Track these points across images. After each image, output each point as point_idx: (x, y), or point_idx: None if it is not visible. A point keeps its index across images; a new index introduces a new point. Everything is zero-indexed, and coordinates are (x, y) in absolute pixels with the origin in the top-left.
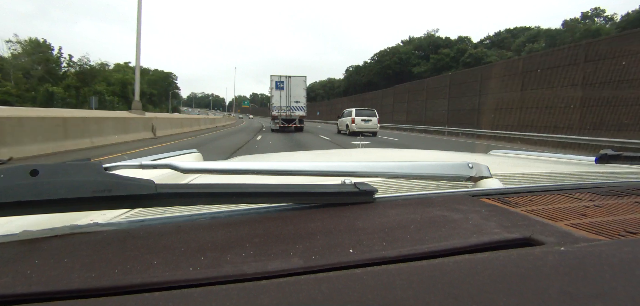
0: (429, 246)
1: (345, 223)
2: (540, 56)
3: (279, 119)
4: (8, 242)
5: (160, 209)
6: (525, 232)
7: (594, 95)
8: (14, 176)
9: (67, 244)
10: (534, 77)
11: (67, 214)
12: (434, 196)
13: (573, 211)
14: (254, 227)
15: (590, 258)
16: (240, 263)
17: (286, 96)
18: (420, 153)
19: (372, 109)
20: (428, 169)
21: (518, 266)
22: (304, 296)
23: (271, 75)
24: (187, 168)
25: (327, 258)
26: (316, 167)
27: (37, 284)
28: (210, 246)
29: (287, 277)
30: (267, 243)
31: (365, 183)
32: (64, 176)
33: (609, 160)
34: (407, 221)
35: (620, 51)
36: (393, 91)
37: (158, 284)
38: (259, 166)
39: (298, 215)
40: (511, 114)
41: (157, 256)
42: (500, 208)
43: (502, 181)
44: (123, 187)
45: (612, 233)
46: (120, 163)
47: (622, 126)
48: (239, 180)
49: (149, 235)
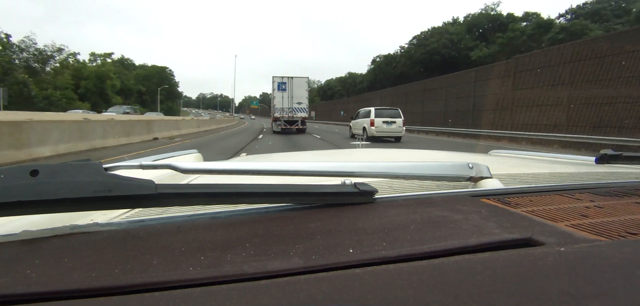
0: (429, 246)
1: (345, 223)
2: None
3: (281, 121)
4: (8, 242)
5: (160, 209)
6: (525, 232)
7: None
8: (14, 176)
9: (67, 244)
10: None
11: (67, 214)
12: (434, 196)
13: (573, 211)
14: (254, 227)
15: (591, 258)
16: (240, 263)
17: (288, 97)
18: (420, 153)
19: (396, 109)
20: (428, 169)
21: (518, 266)
22: (304, 296)
23: (273, 76)
24: (187, 168)
25: (327, 258)
26: (316, 167)
27: (37, 284)
28: (210, 246)
29: (287, 277)
30: (267, 243)
31: (365, 183)
32: (64, 176)
33: (609, 160)
34: (407, 221)
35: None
36: (446, 80)
37: (158, 284)
38: (259, 166)
39: (298, 215)
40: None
41: (157, 256)
42: (501, 209)
43: (502, 181)
44: (123, 187)
45: (613, 233)
46: (121, 163)
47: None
48: (239, 180)
49: (149, 235)
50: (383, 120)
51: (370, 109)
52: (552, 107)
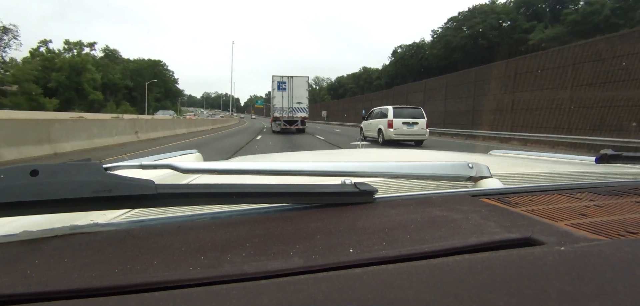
0: (429, 246)
1: (345, 223)
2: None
3: (281, 121)
4: (8, 242)
5: (160, 209)
6: (525, 232)
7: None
8: (14, 176)
9: (67, 244)
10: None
11: (67, 214)
12: (434, 196)
13: (573, 211)
14: (254, 227)
15: (591, 257)
16: (240, 263)
17: (288, 97)
18: (420, 153)
19: (417, 107)
20: (428, 169)
21: (518, 266)
22: (304, 296)
23: (273, 75)
24: (187, 168)
25: (327, 258)
26: (316, 167)
27: (37, 284)
28: (211, 246)
29: (287, 277)
30: (267, 243)
31: (365, 183)
32: (64, 176)
33: (609, 160)
34: (407, 221)
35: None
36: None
37: (158, 284)
38: (259, 166)
39: (298, 215)
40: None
41: (157, 256)
42: (501, 208)
43: (502, 181)
44: (123, 187)
45: (613, 232)
46: (121, 163)
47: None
48: (239, 180)
49: (149, 235)
50: (403, 121)
51: (388, 108)
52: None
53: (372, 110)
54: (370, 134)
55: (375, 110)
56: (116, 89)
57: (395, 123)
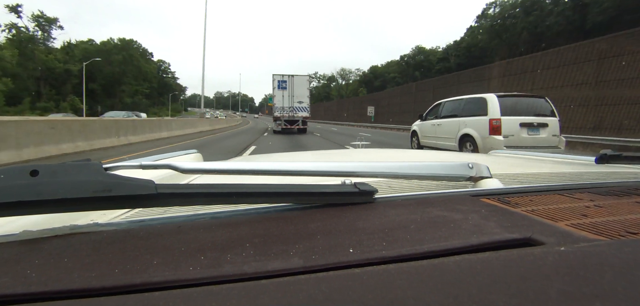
0: (429, 246)
1: (345, 223)
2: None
3: (282, 120)
4: (8, 242)
5: (160, 209)
6: (525, 232)
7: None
8: (14, 176)
9: (67, 244)
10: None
11: (67, 214)
12: (434, 196)
13: (573, 211)
14: (254, 227)
15: (591, 258)
16: (240, 263)
17: (289, 96)
18: (420, 153)
19: (541, 97)
20: (428, 169)
21: (518, 266)
22: (304, 296)
23: (273, 74)
24: (187, 168)
25: (327, 258)
26: (316, 167)
27: (37, 284)
28: (210, 246)
29: (287, 277)
30: (267, 243)
31: (365, 183)
32: (64, 176)
33: (609, 160)
34: (407, 221)
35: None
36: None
37: (158, 284)
38: (259, 166)
39: (298, 215)
40: None
41: (157, 256)
42: (500, 208)
43: (502, 181)
44: (123, 187)
45: (613, 233)
46: (121, 163)
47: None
48: (239, 180)
49: (149, 235)
50: (521, 121)
51: (485, 97)
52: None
53: (443, 103)
54: (444, 143)
55: (447, 103)
56: (58, 78)
57: (507, 125)
